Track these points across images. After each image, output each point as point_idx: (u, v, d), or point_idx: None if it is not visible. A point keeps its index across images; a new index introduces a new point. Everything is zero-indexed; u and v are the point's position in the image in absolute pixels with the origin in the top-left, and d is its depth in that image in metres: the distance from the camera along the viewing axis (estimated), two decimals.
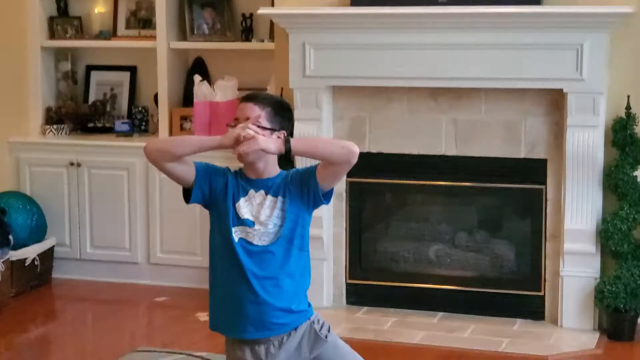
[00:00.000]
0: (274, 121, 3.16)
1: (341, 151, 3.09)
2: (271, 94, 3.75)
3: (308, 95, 5.01)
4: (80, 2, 6.09)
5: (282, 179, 3.20)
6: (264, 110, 3.15)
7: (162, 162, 3.14)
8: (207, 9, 5.77)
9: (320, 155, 3.12)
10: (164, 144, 3.21)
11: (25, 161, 5.80)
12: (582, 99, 4.63)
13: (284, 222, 3.16)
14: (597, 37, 4.59)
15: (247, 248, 3.15)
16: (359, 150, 3.06)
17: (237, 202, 3.18)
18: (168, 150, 3.13)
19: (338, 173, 3.17)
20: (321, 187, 3.16)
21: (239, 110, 3.18)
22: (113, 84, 6.06)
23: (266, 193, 3.19)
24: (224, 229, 3.18)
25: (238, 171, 3.23)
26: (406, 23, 4.83)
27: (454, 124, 4.97)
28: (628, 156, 4.63)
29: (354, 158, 3.08)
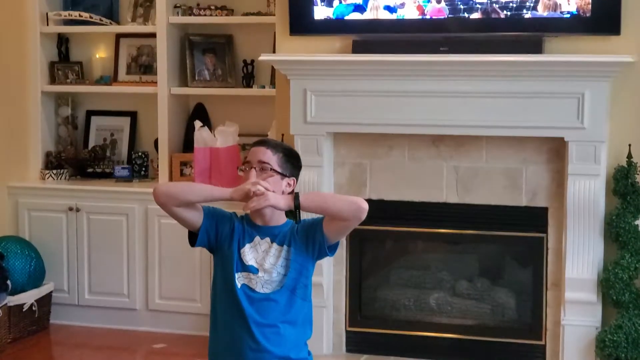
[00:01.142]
0: (285, 167, 3.19)
1: (349, 207, 3.11)
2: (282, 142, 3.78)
3: (309, 141, 5.01)
4: (81, 48, 6.12)
5: (289, 228, 3.21)
6: (275, 155, 3.19)
7: (170, 206, 3.15)
8: (208, 55, 5.80)
9: (328, 212, 3.13)
10: (174, 189, 3.22)
11: (25, 206, 5.79)
12: (583, 148, 4.63)
13: (287, 271, 3.16)
14: (598, 86, 4.60)
15: (250, 295, 3.15)
16: (367, 206, 3.07)
17: (242, 247, 3.19)
18: (178, 196, 3.15)
19: (346, 228, 3.18)
20: (327, 240, 3.17)
21: (251, 153, 3.21)
22: (113, 129, 6.06)
23: (272, 241, 3.20)
24: (227, 274, 3.18)
25: (245, 216, 3.23)
26: (408, 70, 4.84)
27: (455, 171, 4.96)
28: (629, 205, 4.62)
29: (362, 214, 3.10)
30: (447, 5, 4.83)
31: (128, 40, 5.99)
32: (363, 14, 4.95)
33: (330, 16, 4.99)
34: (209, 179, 5.42)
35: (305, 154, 4.98)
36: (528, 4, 4.71)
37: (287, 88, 5.05)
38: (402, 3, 4.88)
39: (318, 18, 5.00)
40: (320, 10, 4.99)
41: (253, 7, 5.66)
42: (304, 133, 5.02)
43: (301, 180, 4.74)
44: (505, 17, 4.75)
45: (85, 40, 6.11)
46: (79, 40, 6.11)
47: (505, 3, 4.74)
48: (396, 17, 4.90)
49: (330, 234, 3.18)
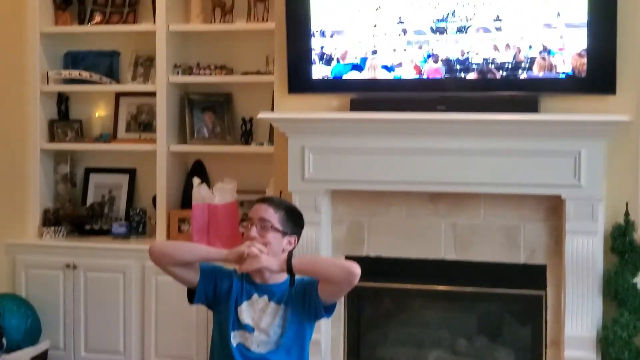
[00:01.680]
0: (286, 225, 3.21)
1: (341, 272, 3.13)
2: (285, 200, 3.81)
3: (307, 199, 5.03)
4: (81, 106, 6.16)
5: (287, 287, 3.21)
6: (277, 213, 3.21)
7: (165, 264, 3.16)
8: (207, 113, 5.84)
9: (320, 276, 3.16)
10: (169, 248, 3.24)
11: (22, 263, 5.77)
12: (581, 206, 4.66)
13: (284, 332, 3.16)
14: (594, 144, 4.64)
15: (245, 354, 3.15)
16: (359, 271, 3.09)
17: (239, 305, 3.19)
18: (173, 255, 3.17)
19: (339, 291, 3.20)
20: (323, 302, 3.18)
21: (254, 210, 3.23)
22: (111, 186, 6.08)
23: (269, 299, 3.20)
24: (223, 331, 3.18)
25: (244, 273, 3.24)
26: (405, 128, 4.88)
27: (453, 228, 4.98)
28: (628, 263, 4.64)
29: (354, 279, 3.12)
30: (443, 65, 4.89)
31: (128, 99, 6.03)
32: (361, 73, 5.00)
33: (329, 75, 5.04)
34: (206, 235, 5.42)
35: (303, 211, 4.88)
36: (523, 65, 4.77)
37: (285, 145, 5.09)
38: (400, 63, 4.95)
39: (316, 77, 5.06)
40: (318, 69, 5.05)
41: (252, 67, 5.72)
42: (302, 190, 5.04)
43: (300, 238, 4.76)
44: (501, 77, 4.81)
45: (85, 99, 6.15)
46: (79, 99, 6.15)
47: (501, 63, 4.80)
48: (394, 76, 4.96)
49: (325, 296, 3.20)
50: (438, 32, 4.89)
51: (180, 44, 5.84)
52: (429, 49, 4.90)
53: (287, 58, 5.07)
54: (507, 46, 4.79)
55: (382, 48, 4.96)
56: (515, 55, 4.78)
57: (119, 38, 6.04)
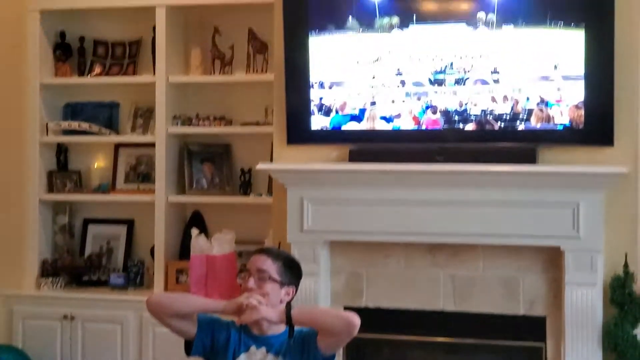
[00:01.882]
0: (284, 276, 3.20)
1: (340, 323, 3.13)
2: (283, 251, 3.81)
3: (306, 249, 5.02)
4: (80, 157, 6.18)
5: (286, 338, 3.20)
6: (275, 263, 3.21)
7: (163, 316, 3.15)
8: (206, 164, 5.86)
9: (319, 327, 3.15)
10: (167, 300, 3.23)
11: (19, 314, 5.75)
12: (580, 257, 4.65)
13: None
14: (592, 196, 4.65)
15: None
16: (359, 322, 3.08)
17: (237, 357, 3.18)
18: (171, 307, 3.16)
19: (338, 343, 3.20)
20: (322, 353, 3.17)
21: (252, 261, 3.23)
22: (110, 237, 6.07)
23: (267, 351, 3.19)
24: None
25: (243, 325, 3.22)
26: (404, 180, 4.89)
27: (452, 279, 4.97)
28: (627, 314, 4.62)
29: (354, 330, 3.12)
30: (442, 117, 4.92)
31: (127, 150, 6.04)
32: (360, 123, 5.03)
33: (327, 126, 5.06)
34: (205, 287, 5.40)
35: (302, 262, 4.86)
36: (521, 116, 4.80)
37: (284, 196, 5.09)
38: (398, 114, 4.97)
39: (315, 128, 5.08)
40: (317, 120, 5.07)
41: (251, 117, 5.75)
42: (301, 241, 5.03)
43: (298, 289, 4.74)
44: (499, 128, 4.83)
45: (84, 150, 6.17)
46: (78, 150, 6.17)
47: (499, 115, 4.83)
48: (392, 127, 4.98)
49: (324, 347, 3.18)
50: (436, 83, 4.93)
51: (179, 95, 5.87)
52: (427, 100, 4.93)
53: (286, 109, 5.10)
54: (504, 98, 4.82)
55: (380, 99, 4.99)
56: (513, 106, 4.80)
57: (119, 89, 6.07)
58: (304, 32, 5.04)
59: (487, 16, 4.81)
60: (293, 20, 5.05)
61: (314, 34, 5.03)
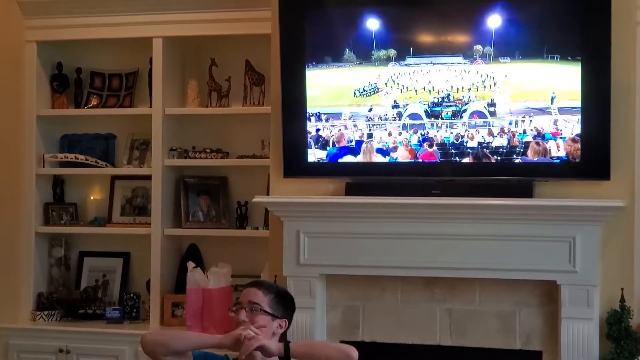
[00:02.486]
0: (276, 308, 3.19)
1: (338, 356, 3.12)
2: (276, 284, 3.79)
3: (302, 283, 5.00)
4: (76, 189, 6.15)
5: None
6: (267, 296, 3.20)
7: (159, 355, 3.13)
8: (202, 197, 5.84)
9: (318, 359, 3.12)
10: (162, 338, 3.21)
11: (14, 347, 5.70)
12: (576, 291, 4.63)
13: None
14: (589, 230, 4.63)
15: None
16: (357, 355, 3.07)
17: None
18: (166, 344, 3.14)
19: None
20: None
21: (243, 294, 3.21)
22: (105, 270, 6.04)
23: None
24: None
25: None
26: (400, 213, 4.88)
27: (448, 314, 4.94)
28: (624, 350, 4.58)
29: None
30: (438, 150, 4.91)
31: (123, 182, 6.03)
32: (356, 156, 5.02)
33: (324, 159, 5.06)
34: (201, 320, 5.38)
35: (298, 296, 4.90)
36: (518, 149, 4.79)
37: (280, 229, 5.08)
38: (395, 147, 4.97)
39: (312, 160, 5.07)
40: (313, 152, 5.07)
41: (248, 150, 5.74)
42: (297, 275, 5.02)
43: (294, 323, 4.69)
44: (495, 161, 4.82)
45: (80, 182, 6.14)
46: (74, 182, 6.15)
47: (495, 148, 4.82)
48: (389, 159, 4.98)
49: None
50: (433, 116, 4.93)
51: (176, 127, 5.86)
52: (424, 132, 4.93)
53: (282, 141, 5.09)
54: (501, 131, 4.82)
55: (377, 132, 4.99)
56: (510, 139, 4.80)
57: (115, 121, 6.06)
58: (300, 64, 5.04)
59: (484, 49, 4.81)
60: (290, 53, 5.05)
61: (311, 66, 5.04)
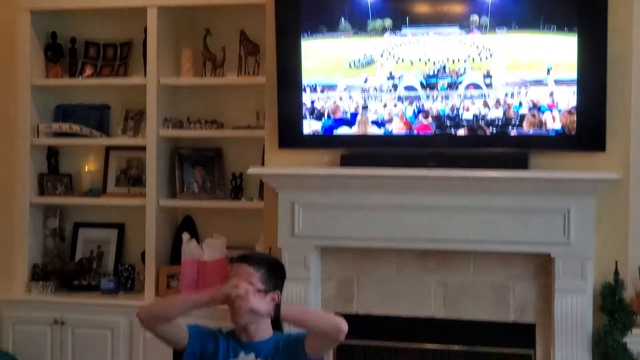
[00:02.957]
0: (269, 282, 3.18)
1: (329, 326, 3.11)
2: (265, 254, 3.77)
3: (296, 255, 5.00)
4: (71, 160, 6.14)
5: (273, 343, 3.20)
6: (258, 272, 3.18)
7: (155, 326, 3.13)
8: (197, 168, 5.82)
9: (308, 326, 3.13)
10: (156, 308, 3.22)
11: (9, 319, 5.72)
12: (570, 264, 4.63)
13: None
14: (583, 202, 4.62)
15: None
16: (347, 328, 3.07)
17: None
18: (161, 313, 3.15)
19: (325, 345, 3.17)
20: (310, 357, 3.15)
21: (233, 270, 3.19)
22: (100, 241, 6.03)
23: (256, 357, 3.20)
24: None
25: (230, 332, 3.23)
26: (395, 185, 4.87)
27: (442, 286, 4.94)
28: (617, 322, 4.59)
29: (341, 335, 3.10)
30: (433, 121, 4.89)
31: (118, 153, 6.01)
32: (351, 128, 5.00)
33: (319, 130, 5.04)
34: (196, 292, 5.37)
35: (293, 268, 4.97)
36: (513, 121, 4.77)
37: (275, 201, 5.07)
38: (390, 118, 4.95)
39: (307, 132, 5.05)
40: (309, 124, 5.05)
41: (243, 121, 5.71)
42: (292, 246, 5.01)
43: (288, 294, 4.72)
44: (491, 133, 4.81)
45: (75, 153, 6.13)
46: (69, 152, 6.13)
47: (491, 120, 4.80)
48: (384, 131, 4.96)
49: (312, 350, 3.17)
50: (428, 87, 4.90)
51: (170, 97, 5.83)
52: (419, 104, 4.90)
53: (277, 113, 5.07)
54: (497, 102, 4.79)
55: (372, 103, 4.96)
56: (505, 111, 4.78)
57: (110, 91, 6.03)
58: (295, 34, 5.01)
59: (481, 19, 4.78)
60: (285, 22, 5.02)
61: (306, 36, 5.00)
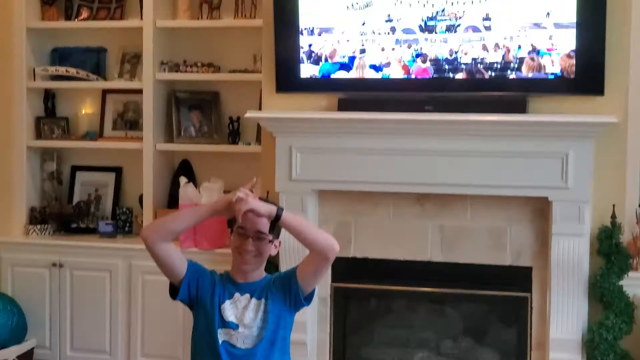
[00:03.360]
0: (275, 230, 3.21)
1: (323, 241, 3.15)
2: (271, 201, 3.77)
3: (294, 199, 5.00)
4: (67, 103, 6.12)
5: (266, 282, 3.24)
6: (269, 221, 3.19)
7: (159, 242, 3.14)
8: (194, 112, 5.81)
9: (304, 236, 3.16)
10: (161, 222, 3.27)
11: (8, 261, 5.74)
12: (568, 208, 4.63)
13: (266, 325, 3.18)
14: (582, 146, 4.62)
15: (231, 351, 3.16)
16: (338, 248, 3.10)
17: (222, 304, 3.21)
18: (166, 227, 3.18)
19: (317, 270, 3.19)
20: (302, 288, 3.20)
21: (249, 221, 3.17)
22: (98, 185, 6.04)
23: (251, 296, 3.23)
24: (208, 330, 3.19)
25: (224, 274, 3.25)
26: (393, 129, 4.86)
27: (440, 229, 4.96)
28: (614, 265, 4.62)
29: (332, 254, 3.14)
30: (432, 65, 4.87)
31: (114, 96, 5.99)
32: (349, 72, 4.98)
33: (317, 74, 5.02)
34: (193, 234, 5.40)
35: None
36: (512, 65, 4.75)
37: (272, 145, 5.06)
38: (388, 62, 4.92)
39: (304, 76, 5.03)
40: (306, 68, 5.02)
41: (240, 65, 5.68)
42: (289, 190, 5.02)
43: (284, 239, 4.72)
44: (489, 77, 4.79)
45: (71, 96, 6.11)
46: (65, 96, 6.11)
47: (489, 64, 4.78)
48: (382, 75, 4.94)
49: (304, 280, 3.19)
50: (427, 30, 4.87)
51: (167, 40, 5.80)
52: (417, 48, 4.87)
53: (275, 56, 5.04)
54: (496, 46, 4.77)
55: (370, 47, 4.93)
56: (504, 55, 4.75)
57: (106, 34, 6.00)
58: None
59: None
60: None
61: None
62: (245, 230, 3.20)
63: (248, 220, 3.19)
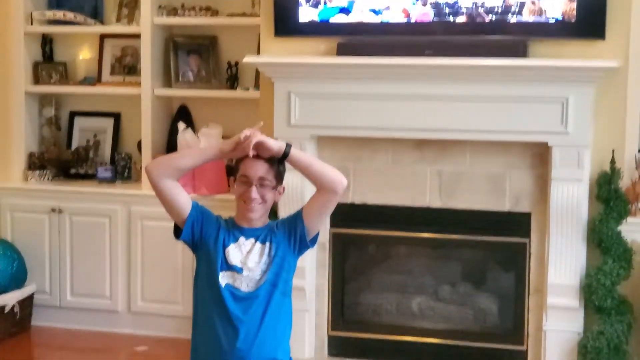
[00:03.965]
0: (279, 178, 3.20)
1: (332, 175, 3.14)
2: None
3: (293, 145, 4.93)
4: (65, 48, 6.08)
5: (270, 227, 3.22)
6: (272, 168, 3.18)
7: (164, 178, 3.13)
8: (192, 56, 5.76)
9: (313, 171, 3.15)
10: (167, 158, 3.26)
11: (7, 207, 5.75)
12: (567, 153, 4.61)
13: (270, 267, 3.18)
14: (582, 90, 4.59)
15: (234, 293, 3.15)
16: (346, 183, 3.10)
17: (227, 247, 3.20)
18: (172, 163, 3.17)
19: (325, 206, 3.19)
20: (307, 228, 3.19)
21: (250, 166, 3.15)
22: (96, 130, 6.02)
23: (255, 240, 3.22)
24: (211, 273, 3.19)
25: (229, 220, 3.24)
26: (392, 74, 4.82)
27: (438, 175, 4.94)
28: (612, 211, 4.61)
29: (340, 187, 3.13)
30: (432, 9, 4.82)
31: (112, 41, 5.95)
32: (348, 16, 4.93)
33: (315, 18, 4.97)
34: (192, 180, 5.38)
35: None
36: (513, 9, 4.70)
37: (271, 90, 5.03)
38: (388, 6, 4.87)
39: (303, 20, 4.98)
40: (305, 12, 4.97)
41: (238, 8, 5.63)
42: (288, 136, 4.97)
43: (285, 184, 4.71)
44: (490, 21, 4.74)
45: (69, 41, 6.07)
46: (63, 41, 6.07)
47: (490, 7, 4.73)
48: (381, 20, 4.89)
49: (311, 221, 3.19)
50: None
51: None
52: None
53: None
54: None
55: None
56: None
57: None
58: None
59: None
60: None
61: None
62: (248, 177, 3.19)
63: (251, 167, 3.18)
